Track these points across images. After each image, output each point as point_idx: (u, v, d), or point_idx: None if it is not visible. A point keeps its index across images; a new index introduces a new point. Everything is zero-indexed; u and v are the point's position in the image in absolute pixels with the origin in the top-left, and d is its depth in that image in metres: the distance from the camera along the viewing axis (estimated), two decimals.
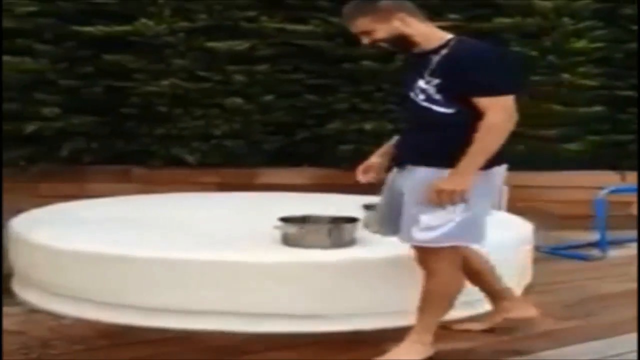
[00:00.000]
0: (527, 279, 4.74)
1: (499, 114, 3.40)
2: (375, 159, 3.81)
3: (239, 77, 7.01)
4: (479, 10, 7.35)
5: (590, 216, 5.91)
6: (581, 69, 7.25)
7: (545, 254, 5.59)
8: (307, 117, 7.26)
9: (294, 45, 7.19)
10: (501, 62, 3.61)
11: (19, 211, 4.91)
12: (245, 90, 7.06)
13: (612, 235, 5.88)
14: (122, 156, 6.97)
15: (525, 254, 4.73)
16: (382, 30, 3.51)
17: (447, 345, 3.85)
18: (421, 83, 3.48)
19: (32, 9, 6.85)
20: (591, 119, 7.31)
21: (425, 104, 3.48)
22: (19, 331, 4.02)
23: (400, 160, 3.63)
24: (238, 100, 6.99)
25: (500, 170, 3.59)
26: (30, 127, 6.72)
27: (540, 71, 7.20)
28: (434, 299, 3.63)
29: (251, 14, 7.10)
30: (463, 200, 3.42)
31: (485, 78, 3.45)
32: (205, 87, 6.95)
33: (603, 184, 6.15)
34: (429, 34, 3.55)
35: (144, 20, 6.82)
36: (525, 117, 6.99)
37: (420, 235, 3.49)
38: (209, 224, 4.63)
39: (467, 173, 3.40)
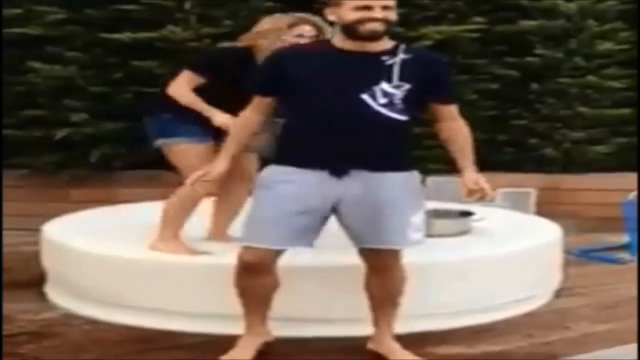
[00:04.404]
0: (556, 282, 4.74)
1: None
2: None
3: None
4: (503, 13, 7.36)
5: (620, 218, 5.88)
6: (607, 71, 7.23)
7: (575, 257, 5.57)
8: None
9: None
10: None
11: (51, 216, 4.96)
12: None
13: None
14: (152, 161, 7.00)
15: (555, 257, 4.73)
16: (395, 12, 3.40)
17: (479, 349, 3.87)
18: (386, 86, 3.37)
19: (60, 16, 6.90)
20: (618, 121, 7.30)
21: (380, 108, 3.36)
22: (53, 335, 4.06)
23: (338, 165, 3.39)
24: None
25: None
26: (60, 133, 6.78)
27: (566, 73, 7.20)
28: (401, 297, 3.65)
29: None
30: None
31: (452, 86, 3.66)
32: None
33: (633, 186, 6.13)
34: None
35: (170, 26, 6.85)
36: (554, 120, 7.15)
37: (415, 236, 3.50)
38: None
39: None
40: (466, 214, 4.89)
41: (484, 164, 7.05)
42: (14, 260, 5.28)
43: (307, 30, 4.15)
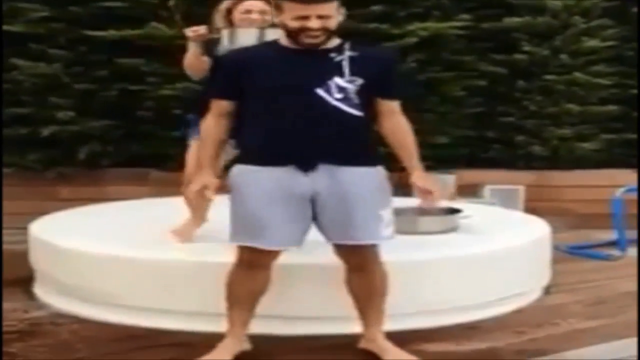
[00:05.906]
0: (546, 279, 4.74)
1: None
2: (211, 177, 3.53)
3: None
4: (489, 10, 7.36)
5: (609, 215, 5.89)
6: (594, 68, 7.25)
7: (564, 253, 5.58)
8: None
9: None
10: None
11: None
12: None
13: (631, 234, 5.83)
14: (139, 159, 7.00)
15: (544, 253, 4.73)
16: (335, 19, 3.40)
17: (469, 346, 3.87)
18: (340, 81, 3.38)
19: (44, 14, 6.87)
20: (605, 117, 7.32)
21: (337, 103, 3.37)
22: (42, 334, 4.03)
23: (303, 160, 3.40)
24: None
25: None
26: (46, 131, 6.75)
27: (553, 70, 7.21)
28: (385, 293, 3.62)
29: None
30: None
31: (398, 82, 3.63)
32: None
33: (620, 182, 6.15)
34: None
35: (154, 24, 6.82)
36: (541, 117, 7.16)
37: (386, 232, 3.48)
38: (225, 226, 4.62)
39: None
40: (453, 211, 4.87)
41: (472, 161, 7.21)
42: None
43: (255, 5, 4.16)
